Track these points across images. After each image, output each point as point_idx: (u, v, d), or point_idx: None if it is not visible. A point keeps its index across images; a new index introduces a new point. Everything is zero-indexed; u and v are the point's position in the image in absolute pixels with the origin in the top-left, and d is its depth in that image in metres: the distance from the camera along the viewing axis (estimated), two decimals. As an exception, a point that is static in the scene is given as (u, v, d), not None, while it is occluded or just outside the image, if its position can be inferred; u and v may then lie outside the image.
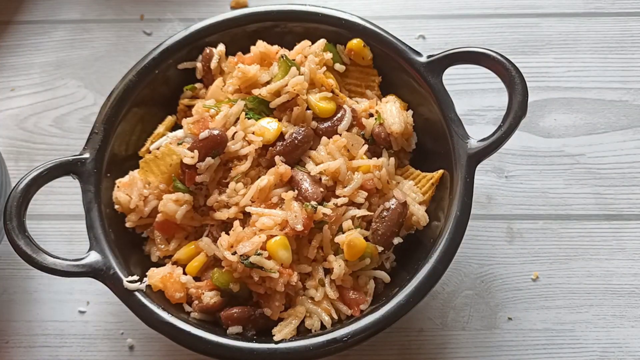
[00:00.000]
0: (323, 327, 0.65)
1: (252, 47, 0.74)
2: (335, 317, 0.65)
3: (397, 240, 0.67)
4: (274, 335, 0.63)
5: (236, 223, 0.65)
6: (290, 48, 0.74)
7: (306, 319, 0.65)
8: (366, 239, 0.66)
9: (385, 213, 0.66)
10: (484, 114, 0.88)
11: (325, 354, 0.61)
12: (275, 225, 0.63)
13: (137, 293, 0.64)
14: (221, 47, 0.75)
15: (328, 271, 0.66)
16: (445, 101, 0.68)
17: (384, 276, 0.67)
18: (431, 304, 0.78)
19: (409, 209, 0.68)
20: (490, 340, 0.76)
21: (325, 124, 0.70)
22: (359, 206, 0.67)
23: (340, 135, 0.68)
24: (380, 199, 0.68)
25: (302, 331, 0.65)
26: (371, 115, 0.72)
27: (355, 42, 0.72)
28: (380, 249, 0.66)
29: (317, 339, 0.61)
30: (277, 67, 0.70)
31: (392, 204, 0.66)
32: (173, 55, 0.74)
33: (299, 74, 0.68)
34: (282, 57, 0.69)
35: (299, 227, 0.62)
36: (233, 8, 0.95)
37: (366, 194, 0.67)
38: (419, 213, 0.68)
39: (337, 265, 0.65)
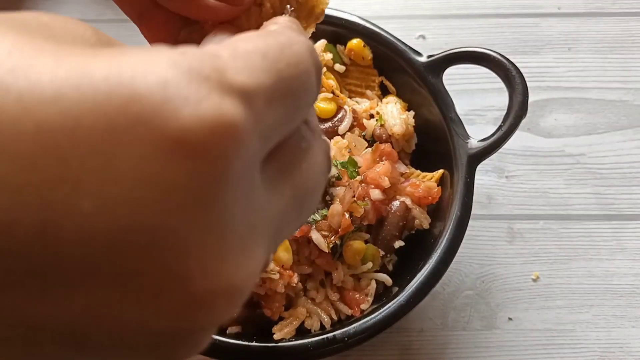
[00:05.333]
0: (322, 327, 0.64)
1: (252, 47, 0.73)
2: (335, 317, 0.65)
3: (398, 244, 0.67)
4: (274, 334, 0.63)
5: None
6: (290, 48, 0.73)
7: (306, 319, 0.65)
8: (367, 242, 0.66)
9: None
10: (484, 113, 0.87)
11: (326, 354, 0.61)
12: None
13: (137, 293, 0.63)
14: (221, 47, 0.75)
15: (329, 272, 0.66)
16: (445, 101, 0.68)
17: (386, 279, 0.67)
18: (432, 304, 0.78)
19: (411, 212, 0.68)
20: (490, 341, 0.76)
21: (326, 125, 0.69)
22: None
23: (342, 136, 0.68)
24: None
25: (301, 331, 0.65)
26: (372, 116, 0.72)
27: (355, 42, 0.72)
28: (382, 252, 0.66)
29: (317, 338, 0.61)
30: (277, 68, 0.70)
31: (394, 207, 0.66)
32: (173, 55, 0.74)
33: (299, 75, 0.68)
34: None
35: (295, 232, 0.62)
36: (233, 8, 0.95)
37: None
38: (421, 215, 0.68)
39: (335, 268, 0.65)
